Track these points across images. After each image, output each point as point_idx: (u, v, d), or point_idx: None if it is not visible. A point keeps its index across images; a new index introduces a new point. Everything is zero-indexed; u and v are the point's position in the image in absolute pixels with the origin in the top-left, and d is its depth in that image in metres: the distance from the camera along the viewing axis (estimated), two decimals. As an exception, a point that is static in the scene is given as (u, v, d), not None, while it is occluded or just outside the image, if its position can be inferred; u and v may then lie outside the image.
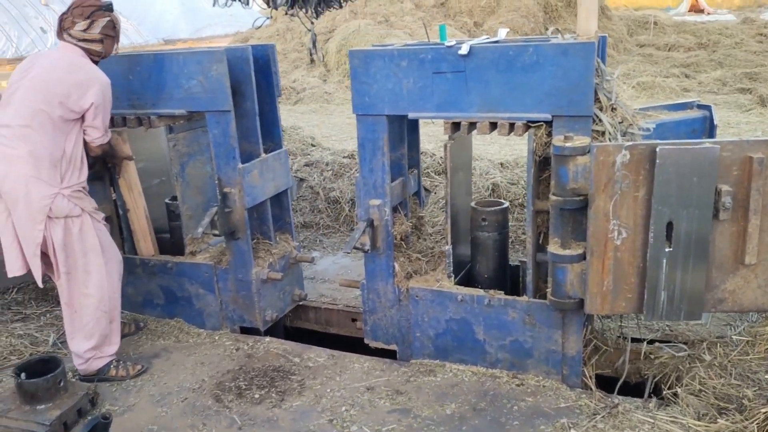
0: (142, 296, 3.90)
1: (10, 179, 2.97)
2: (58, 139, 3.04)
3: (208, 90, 3.36)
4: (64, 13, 3.15)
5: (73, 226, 3.07)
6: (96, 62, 3.18)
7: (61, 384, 2.89)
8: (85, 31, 3.10)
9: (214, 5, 3.40)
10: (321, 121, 11.43)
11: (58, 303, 4.08)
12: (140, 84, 3.46)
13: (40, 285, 3.14)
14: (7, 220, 3.04)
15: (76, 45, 3.13)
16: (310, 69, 15.74)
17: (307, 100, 13.55)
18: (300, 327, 4.14)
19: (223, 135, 3.42)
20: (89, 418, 2.87)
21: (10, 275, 3.10)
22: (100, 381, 3.19)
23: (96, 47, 3.16)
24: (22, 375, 2.87)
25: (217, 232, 3.46)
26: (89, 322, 3.17)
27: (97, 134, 3.16)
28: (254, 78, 3.50)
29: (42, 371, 2.89)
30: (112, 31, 3.19)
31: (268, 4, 3.33)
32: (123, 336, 3.53)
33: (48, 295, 4.18)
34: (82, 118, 3.11)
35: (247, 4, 3.31)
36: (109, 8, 3.17)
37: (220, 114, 3.40)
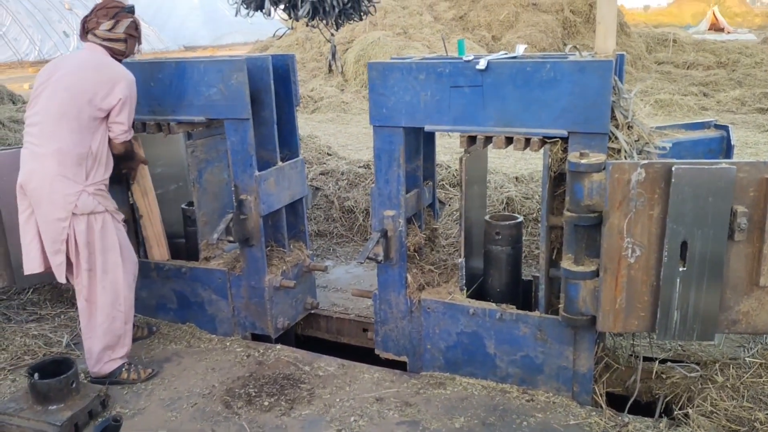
0: (156, 300, 3.94)
1: (36, 177, 3.04)
2: (84, 137, 3.10)
3: (227, 98, 3.40)
4: (87, 16, 3.24)
5: (96, 223, 3.13)
6: (119, 61, 3.26)
7: (74, 385, 2.92)
8: (110, 30, 3.19)
9: (236, 15, 3.44)
10: (338, 131, 11.50)
11: (73, 304, 4.16)
12: (161, 90, 3.51)
13: (63, 281, 3.16)
14: (29, 218, 3.11)
15: (100, 45, 3.21)
16: (327, 78, 15.85)
17: (325, 110, 13.64)
18: (311, 335, 4.15)
19: (241, 142, 3.46)
20: (100, 420, 2.90)
21: (27, 272, 3.15)
22: (111, 384, 3.22)
23: (120, 46, 3.24)
24: (35, 375, 2.90)
25: (231, 238, 3.48)
26: (104, 321, 3.19)
27: (122, 130, 3.20)
28: (273, 87, 3.53)
29: (55, 372, 2.93)
30: (135, 32, 3.28)
31: (289, 15, 3.37)
32: (136, 339, 3.57)
33: (63, 297, 4.23)
34: (107, 115, 3.17)
35: (269, 15, 3.35)
36: (131, 10, 3.27)
37: (239, 122, 3.43)
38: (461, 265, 3.17)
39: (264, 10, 3.31)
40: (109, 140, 3.22)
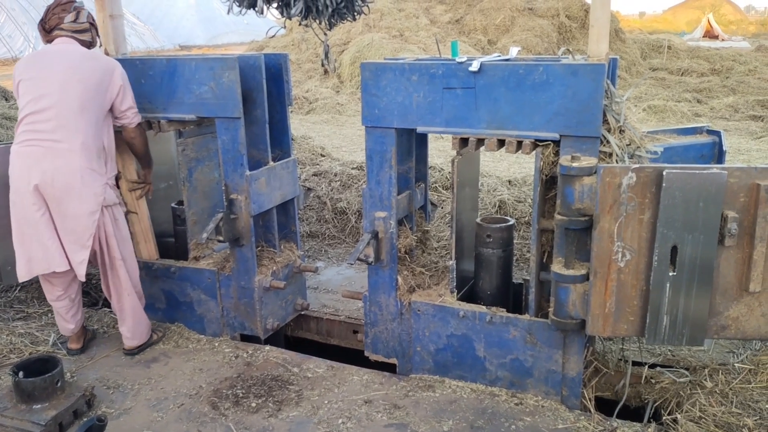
0: (144, 299, 3.90)
1: (63, 172, 3.06)
2: (101, 130, 3.20)
3: (218, 96, 3.38)
4: (43, 18, 3.28)
5: (117, 214, 3.31)
6: None
7: (59, 384, 2.89)
8: (74, 22, 3.25)
9: (228, 13, 3.42)
10: (332, 132, 11.49)
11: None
12: (152, 88, 3.48)
13: (83, 279, 3.27)
14: (43, 216, 3.10)
15: (71, 37, 3.24)
16: (323, 80, 15.85)
17: (320, 111, 13.63)
18: (301, 337, 4.13)
19: (232, 141, 3.44)
20: (85, 419, 2.87)
21: (49, 270, 3.18)
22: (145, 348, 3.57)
23: (86, 37, 3.30)
24: (20, 374, 2.87)
25: (221, 238, 3.46)
26: (136, 301, 3.47)
27: (133, 112, 3.33)
28: (266, 86, 3.52)
29: (40, 371, 2.90)
30: (93, 21, 3.37)
31: (282, 14, 3.35)
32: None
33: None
34: (111, 106, 3.26)
35: (262, 13, 3.33)
36: (81, 3, 3.35)
37: (230, 121, 3.41)
38: (452, 268, 3.16)
39: (256, 8, 3.29)
40: (122, 132, 3.34)
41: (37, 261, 3.15)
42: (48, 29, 3.26)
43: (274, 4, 3.29)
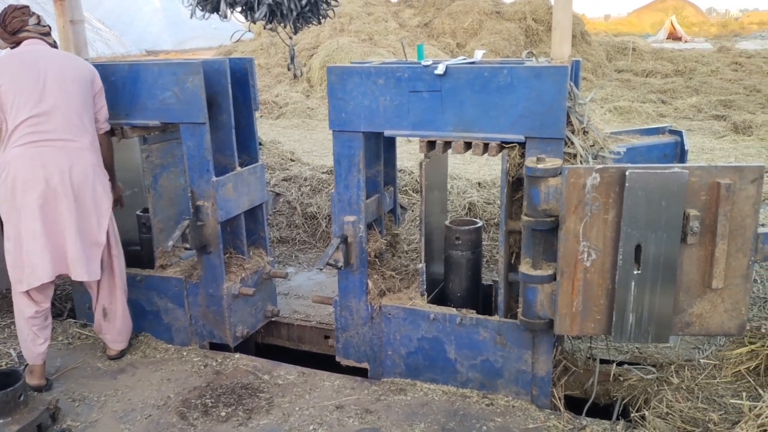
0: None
1: (77, 170, 3.09)
2: (95, 130, 3.26)
3: (183, 102, 3.34)
4: (2, 23, 3.18)
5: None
6: None
7: (21, 398, 2.82)
8: (38, 24, 3.21)
9: (192, 17, 3.39)
10: (303, 137, 11.44)
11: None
12: (114, 93, 3.42)
13: (98, 277, 3.26)
14: (58, 215, 3.06)
15: (40, 38, 3.20)
16: (293, 84, 15.79)
17: (290, 115, 13.57)
18: (272, 344, 4.09)
19: (198, 147, 3.40)
20: (49, 433, 2.81)
21: (65, 271, 3.16)
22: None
23: (50, 39, 3.26)
24: (-19, 388, 2.79)
25: (188, 245, 3.41)
26: (125, 299, 3.49)
27: (106, 115, 3.34)
28: (231, 91, 3.48)
29: (1, 385, 2.82)
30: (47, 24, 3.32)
31: (246, 17, 3.33)
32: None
33: (10, 307, 4.08)
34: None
35: (225, 17, 3.30)
36: None
37: (195, 126, 3.37)
38: (422, 271, 3.16)
39: (220, 12, 3.26)
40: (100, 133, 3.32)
41: (55, 266, 3.09)
42: (11, 32, 3.18)
43: (238, 8, 3.26)
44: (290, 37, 3.55)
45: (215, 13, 3.29)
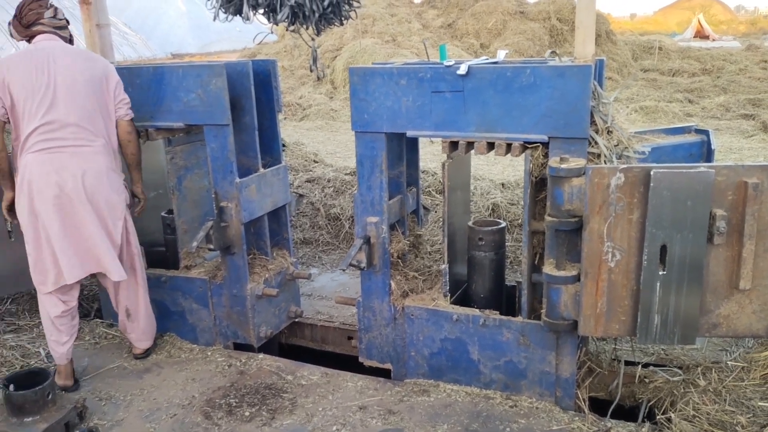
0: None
1: (91, 174, 3.09)
2: (112, 130, 3.24)
3: (206, 104, 3.37)
4: (17, 15, 3.17)
5: (128, 213, 3.35)
6: None
7: (50, 397, 2.87)
8: (54, 17, 3.18)
9: (215, 19, 3.42)
10: (326, 138, 11.50)
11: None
12: (139, 96, 3.47)
13: (124, 277, 3.27)
14: (74, 219, 3.08)
15: (53, 33, 3.17)
16: (316, 86, 15.86)
17: (313, 117, 13.63)
18: (295, 344, 4.11)
19: (221, 149, 3.43)
20: (76, 431, 2.85)
21: (88, 273, 3.21)
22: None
23: (66, 34, 3.23)
24: (11, 387, 2.84)
25: (212, 246, 3.45)
26: (149, 302, 3.53)
27: (128, 105, 3.28)
28: (254, 93, 3.51)
29: (31, 383, 2.87)
30: (65, 18, 3.29)
31: (268, 19, 3.35)
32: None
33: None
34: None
35: (248, 19, 3.33)
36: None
37: (219, 128, 3.40)
38: (444, 272, 3.15)
39: (242, 15, 3.29)
40: (118, 131, 3.27)
41: (83, 266, 3.14)
42: (26, 24, 3.15)
43: (261, 11, 3.28)
44: (312, 39, 3.57)
45: (238, 16, 3.32)
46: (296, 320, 4.03)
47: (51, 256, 3.09)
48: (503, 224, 3.34)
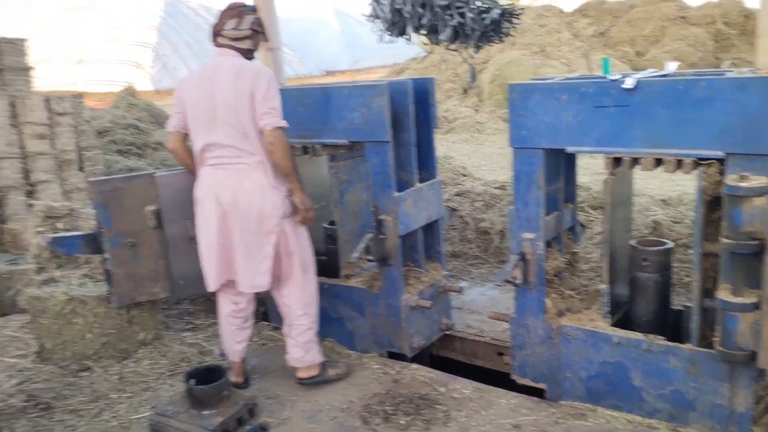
0: (317, 321, 4.08)
1: (244, 189, 3.19)
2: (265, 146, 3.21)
3: (369, 121, 3.52)
4: (214, 23, 3.30)
5: (295, 224, 3.36)
6: (249, 60, 3.31)
7: (225, 393, 3.11)
8: (235, 29, 3.23)
9: (379, 42, 3.56)
10: (472, 151, 11.50)
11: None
12: (308, 115, 3.69)
13: (267, 288, 3.34)
14: (226, 233, 3.24)
15: (230, 47, 3.25)
16: (462, 99, 15.91)
17: (459, 130, 13.68)
18: (446, 356, 4.15)
19: (381, 164, 3.56)
20: (248, 427, 3.07)
21: (224, 280, 3.33)
22: (319, 383, 3.51)
23: (246, 44, 3.28)
24: (192, 381, 3.12)
25: (371, 257, 3.58)
26: (314, 313, 3.50)
27: (270, 115, 3.12)
28: (413, 110, 3.61)
29: (208, 379, 3.13)
30: (259, 27, 3.32)
31: (430, 40, 3.44)
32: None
33: (215, 309, 4.51)
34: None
35: (410, 40, 3.44)
36: (253, 9, 3.34)
37: (380, 144, 3.54)
38: (604, 292, 3.05)
39: (405, 36, 3.40)
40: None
41: (220, 274, 3.33)
42: (213, 34, 3.29)
43: (423, 31, 3.38)
44: (471, 57, 3.60)
45: (401, 37, 3.44)
46: (447, 333, 4.06)
47: (204, 261, 3.36)
48: (670, 245, 3.17)
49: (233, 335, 3.50)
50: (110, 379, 3.62)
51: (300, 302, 3.46)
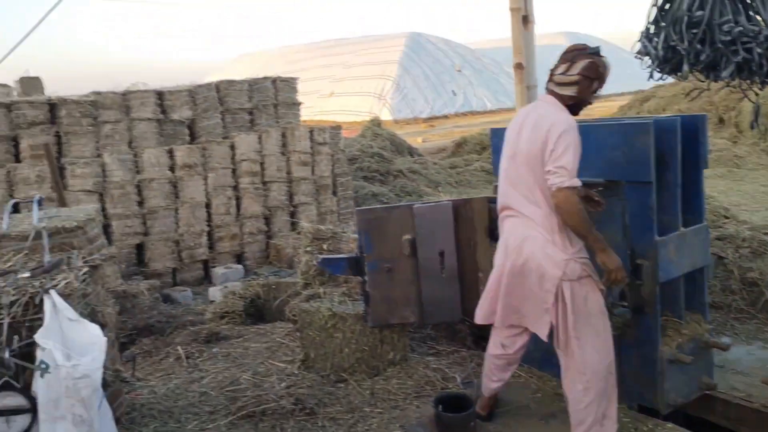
0: (540, 353, 4.03)
1: (528, 242, 3.07)
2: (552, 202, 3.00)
3: (630, 160, 3.38)
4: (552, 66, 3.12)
5: (582, 289, 3.03)
6: (570, 107, 3.06)
7: (472, 424, 3.17)
8: (563, 74, 3.01)
9: (649, 79, 3.41)
10: (728, 188, 10.47)
11: (463, 344, 4.52)
12: (564, 153, 3.64)
13: (546, 339, 3.12)
14: (516, 279, 3.15)
15: (551, 92, 3.07)
16: (717, 130, 14.53)
17: (713, 164, 12.48)
18: (704, 418, 3.78)
19: (641, 206, 3.38)
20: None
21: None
22: None
23: (567, 91, 3.02)
24: (440, 407, 3.23)
25: (626, 303, 3.41)
26: (601, 382, 3.05)
27: (557, 174, 2.89)
28: (680, 149, 3.39)
29: (455, 406, 3.22)
30: (591, 73, 3.00)
31: (707, 76, 3.20)
32: None
33: (456, 336, 4.63)
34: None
35: (685, 78, 3.24)
36: (595, 51, 3.02)
37: (641, 185, 3.37)
38: None
39: (680, 73, 3.21)
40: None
41: (490, 313, 3.32)
42: (548, 80, 3.10)
43: (700, 68, 3.16)
44: (756, 94, 3.29)
45: (674, 74, 3.26)
46: (707, 393, 3.70)
47: (483, 294, 3.40)
48: None
49: (492, 373, 3.47)
50: (363, 393, 3.88)
51: (580, 376, 3.07)
